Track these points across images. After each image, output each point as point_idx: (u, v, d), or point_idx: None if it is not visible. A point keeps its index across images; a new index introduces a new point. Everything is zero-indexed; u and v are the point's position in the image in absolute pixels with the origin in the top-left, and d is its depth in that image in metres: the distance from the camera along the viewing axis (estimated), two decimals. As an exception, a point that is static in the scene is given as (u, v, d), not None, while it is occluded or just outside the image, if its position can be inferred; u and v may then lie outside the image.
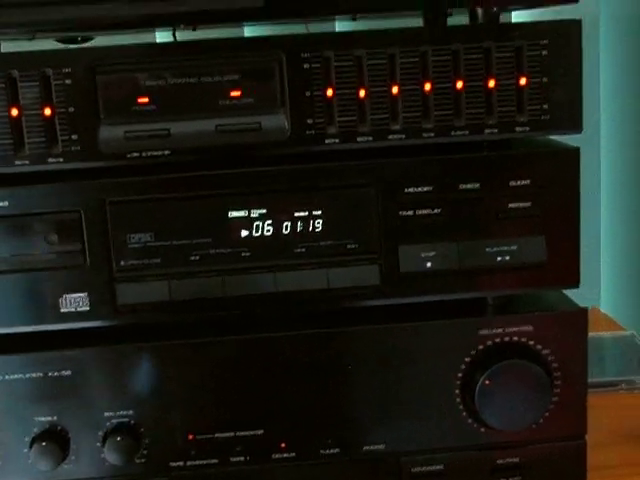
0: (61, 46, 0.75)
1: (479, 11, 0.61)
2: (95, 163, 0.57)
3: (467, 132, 0.59)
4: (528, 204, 0.60)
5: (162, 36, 0.91)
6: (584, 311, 0.62)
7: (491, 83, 0.59)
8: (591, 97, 0.91)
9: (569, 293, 0.64)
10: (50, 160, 0.57)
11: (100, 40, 0.72)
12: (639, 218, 0.94)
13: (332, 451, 0.62)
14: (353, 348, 0.61)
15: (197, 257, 0.59)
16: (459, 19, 0.64)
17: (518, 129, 0.59)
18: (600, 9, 0.92)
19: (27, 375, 0.59)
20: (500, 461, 0.63)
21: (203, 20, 0.64)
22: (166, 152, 0.58)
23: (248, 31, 0.93)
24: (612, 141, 0.97)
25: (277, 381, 0.61)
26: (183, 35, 0.77)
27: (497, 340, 0.62)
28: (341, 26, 0.97)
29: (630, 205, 0.96)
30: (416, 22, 0.67)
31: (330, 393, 0.61)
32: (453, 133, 0.59)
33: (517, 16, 0.87)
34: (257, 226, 0.60)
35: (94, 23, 0.59)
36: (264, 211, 0.59)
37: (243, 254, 0.60)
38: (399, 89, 0.58)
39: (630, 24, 0.92)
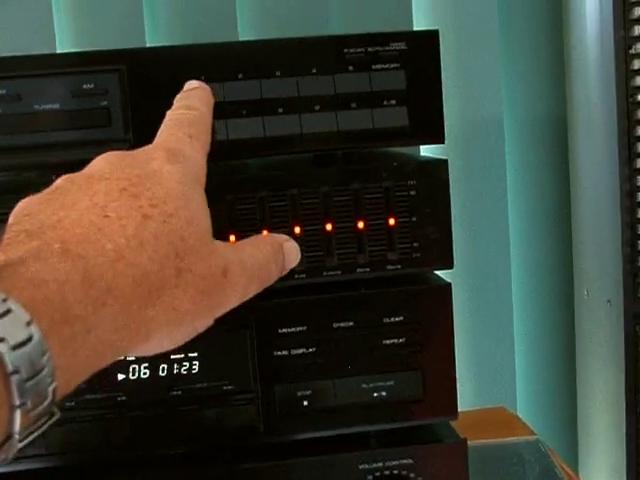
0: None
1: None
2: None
3: (339, 272, 0.60)
4: (402, 340, 0.61)
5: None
6: (463, 442, 0.63)
7: (360, 224, 0.60)
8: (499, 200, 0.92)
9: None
10: None
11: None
12: (552, 317, 0.96)
13: None
14: (232, 488, 0.61)
15: (72, 402, 0.59)
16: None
17: (389, 267, 0.60)
18: (503, 110, 0.94)
19: None
20: None
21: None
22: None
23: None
24: (523, 230, 0.98)
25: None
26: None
27: (377, 474, 0.62)
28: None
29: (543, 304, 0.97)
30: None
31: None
32: (325, 273, 0.60)
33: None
34: (133, 369, 0.60)
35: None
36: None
37: (119, 398, 0.60)
38: (268, 232, 0.59)
39: (533, 125, 0.94)
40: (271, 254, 0.48)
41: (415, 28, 0.86)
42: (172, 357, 0.60)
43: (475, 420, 0.85)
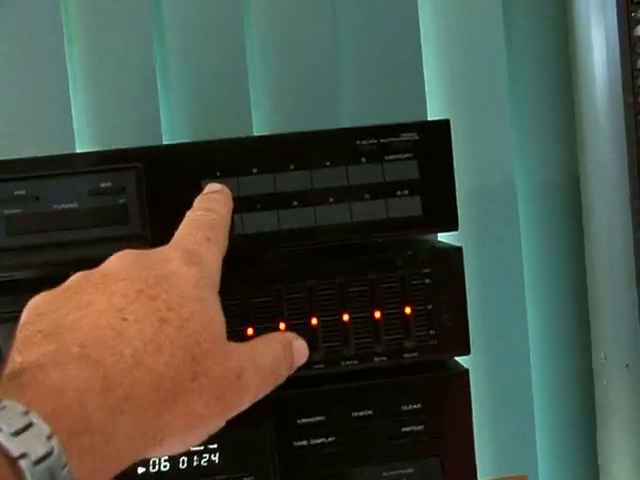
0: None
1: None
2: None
3: (357, 361, 0.60)
4: (421, 427, 0.61)
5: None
6: (485, 528, 0.63)
7: (377, 314, 0.60)
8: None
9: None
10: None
11: None
12: (571, 383, 0.95)
13: None
14: None
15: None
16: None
17: (406, 355, 0.61)
18: (515, 175, 0.95)
19: None
20: None
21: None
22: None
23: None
24: (541, 303, 0.98)
25: None
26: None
27: None
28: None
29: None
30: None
31: None
32: (343, 363, 0.60)
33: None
34: (154, 462, 0.60)
35: None
36: (160, 447, 0.60)
37: (140, 492, 0.60)
38: (285, 324, 0.59)
39: (544, 188, 0.95)
40: (281, 353, 0.49)
41: (427, 103, 0.87)
42: (192, 450, 0.60)
43: (496, 490, 0.85)
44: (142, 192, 0.58)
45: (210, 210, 0.51)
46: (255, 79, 0.84)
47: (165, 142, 0.81)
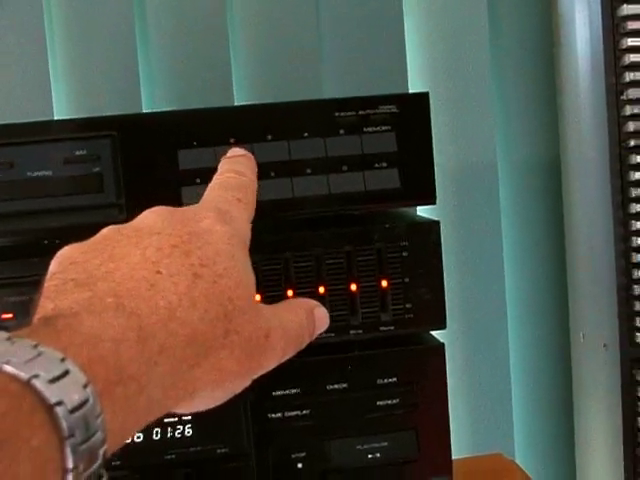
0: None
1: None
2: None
3: (332, 334, 0.60)
4: (396, 400, 0.61)
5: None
6: (459, 502, 0.63)
7: (353, 286, 0.60)
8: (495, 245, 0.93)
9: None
10: None
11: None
12: (549, 362, 0.96)
13: None
14: None
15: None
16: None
17: (382, 328, 0.60)
18: (497, 154, 0.94)
19: None
20: None
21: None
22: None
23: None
24: (519, 276, 0.98)
25: None
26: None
27: (373, 535, 0.62)
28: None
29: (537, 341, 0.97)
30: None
31: None
32: (318, 336, 0.60)
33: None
34: (127, 433, 0.60)
35: None
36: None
37: (112, 462, 0.60)
38: (261, 296, 0.59)
39: (525, 166, 0.95)
40: (304, 319, 0.48)
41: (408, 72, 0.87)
42: (166, 421, 0.60)
43: (472, 467, 0.85)
44: (117, 161, 0.58)
45: (238, 172, 0.50)
46: (236, 50, 0.83)
47: (145, 111, 0.81)
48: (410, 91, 0.85)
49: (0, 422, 0.28)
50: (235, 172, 0.50)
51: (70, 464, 0.30)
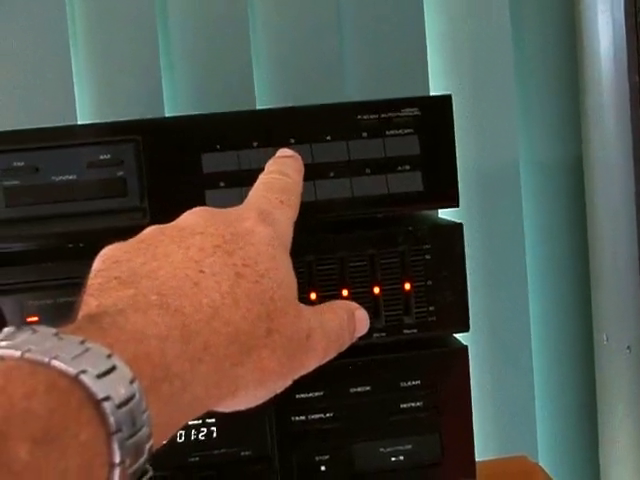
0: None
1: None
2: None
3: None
4: (420, 403, 0.61)
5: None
6: (483, 505, 0.63)
7: (376, 289, 0.60)
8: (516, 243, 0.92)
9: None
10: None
11: None
12: (572, 364, 0.95)
13: None
14: None
15: None
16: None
17: (406, 331, 0.60)
18: (519, 154, 0.94)
19: None
20: None
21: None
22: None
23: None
24: (542, 277, 0.98)
25: None
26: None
27: (397, 539, 0.62)
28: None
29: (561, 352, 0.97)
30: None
31: None
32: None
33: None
34: (151, 435, 0.60)
35: None
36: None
37: (137, 465, 0.60)
38: (285, 300, 0.59)
39: (548, 167, 0.94)
40: (345, 321, 0.48)
41: (430, 78, 0.87)
42: (189, 423, 0.60)
43: (496, 469, 0.84)
44: (141, 165, 0.58)
45: (283, 174, 0.50)
46: (258, 53, 0.83)
47: (167, 115, 0.81)
48: (431, 93, 0.85)
49: (49, 418, 0.28)
50: (280, 173, 0.50)
51: (117, 459, 0.30)
